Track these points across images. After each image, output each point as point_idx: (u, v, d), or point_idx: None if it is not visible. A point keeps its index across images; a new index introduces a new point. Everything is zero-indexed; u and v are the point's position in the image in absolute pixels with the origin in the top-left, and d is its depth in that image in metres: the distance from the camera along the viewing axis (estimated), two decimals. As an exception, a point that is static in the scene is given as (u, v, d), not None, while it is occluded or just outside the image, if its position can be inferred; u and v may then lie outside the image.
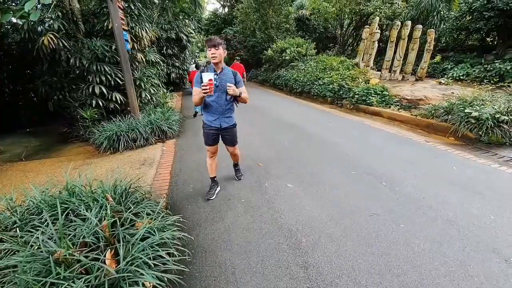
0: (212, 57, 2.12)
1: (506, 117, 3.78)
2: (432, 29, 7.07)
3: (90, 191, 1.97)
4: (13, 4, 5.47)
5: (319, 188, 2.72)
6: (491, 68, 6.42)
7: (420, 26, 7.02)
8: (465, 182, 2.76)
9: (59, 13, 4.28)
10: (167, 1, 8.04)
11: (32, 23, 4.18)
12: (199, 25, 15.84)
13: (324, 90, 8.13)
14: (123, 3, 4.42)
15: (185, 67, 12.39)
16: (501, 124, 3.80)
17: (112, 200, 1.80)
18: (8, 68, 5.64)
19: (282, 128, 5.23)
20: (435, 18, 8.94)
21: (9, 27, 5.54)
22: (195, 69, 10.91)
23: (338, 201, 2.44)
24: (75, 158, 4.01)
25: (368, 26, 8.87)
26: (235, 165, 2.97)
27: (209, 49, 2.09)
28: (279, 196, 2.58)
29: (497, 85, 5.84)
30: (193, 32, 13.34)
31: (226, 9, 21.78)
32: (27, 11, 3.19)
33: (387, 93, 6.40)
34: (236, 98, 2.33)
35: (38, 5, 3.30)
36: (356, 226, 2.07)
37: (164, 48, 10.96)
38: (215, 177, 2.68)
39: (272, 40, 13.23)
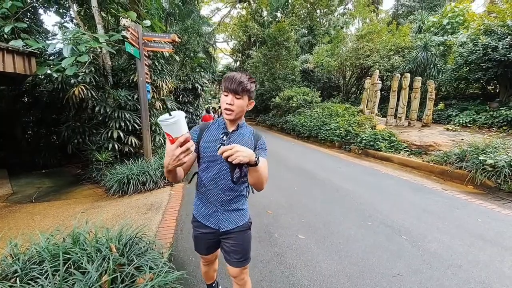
0: (226, 109, 1.15)
1: (524, 165, 3.66)
2: (432, 80, 7.49)
3: (94, 240, 1.90)
4: (51, 58, 6.21)
5: (333, 240, 2.53)
6: (498, 115, 6.49)
7: (419, 78, 7.46)
8: (492, 236, 2.54)
9: (93, 68, 4.87)
10: (186, 57, 9.10)
11: (66, 75, 4.63)
12: (213, 76, 17.51)
13: (331, 135, 8.31)
14: (149, 61, 5.03)
15: (198, 113, 13.23)
16: (520, 173, 3.68)
17: (116, 251, 1.73)
18: (36, 113, 6.15)
19: (291, 172, 5.18)
20: (432, 70, 9.54)
21: (42, 77, 5.90)
22: (205, 113, 11.46)
23: (356, 257, 2.23)
24: (83, 200, 4.00)
25: (369, 77, 9.51)
26: None
27: (225, 93, 1.15)
28: (290, 249, 2.39)
29: (508, 132, 5.81)
30: (207, 82, 14.65)
31: (238, 63, 24.31)
32: (64, 66, 3.65)
33: (395, 139, 6.44)
34: (247, 176, 1.15)
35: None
36: (379, 289, 1.84)
37: (180, 96, 11.90)
38: (213, 283, 1.75)
39: (279, 89, 14.24)
